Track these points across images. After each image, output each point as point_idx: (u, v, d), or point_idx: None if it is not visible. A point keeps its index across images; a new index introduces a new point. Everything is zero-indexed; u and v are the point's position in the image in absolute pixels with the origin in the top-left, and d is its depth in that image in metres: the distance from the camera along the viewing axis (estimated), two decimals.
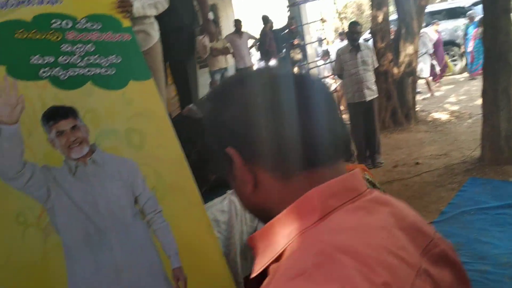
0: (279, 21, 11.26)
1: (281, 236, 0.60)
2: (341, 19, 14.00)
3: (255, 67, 10.07)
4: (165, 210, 2.08)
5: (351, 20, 8.23)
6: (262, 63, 10.76)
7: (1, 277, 1.71)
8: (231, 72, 9.51)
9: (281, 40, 10.38)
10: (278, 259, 0.60)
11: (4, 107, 1.85)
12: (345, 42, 7.30)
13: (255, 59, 10.80)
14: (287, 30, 10.50)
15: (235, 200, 2.34)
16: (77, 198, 1.89)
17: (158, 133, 2.20)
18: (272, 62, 10.15)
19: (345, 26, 10.88)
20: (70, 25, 2.10)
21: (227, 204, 2.28)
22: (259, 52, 10.69)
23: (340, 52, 6.01)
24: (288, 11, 12.02)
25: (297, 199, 0.61)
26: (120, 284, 1.86)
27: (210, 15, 3.76)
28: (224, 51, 9.22)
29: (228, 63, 9.57)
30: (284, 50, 10.54)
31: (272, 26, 10.31)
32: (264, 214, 0.65)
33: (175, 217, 2.10)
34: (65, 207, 1.86)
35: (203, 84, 6.45)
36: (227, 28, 10.91)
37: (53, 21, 2.06)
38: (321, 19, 12.00)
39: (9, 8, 1.95)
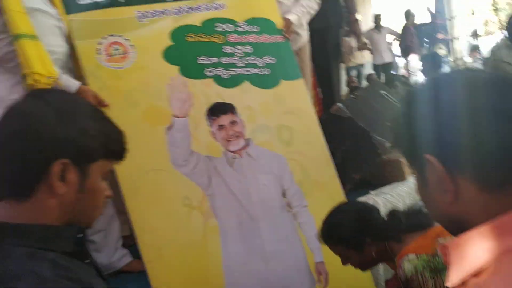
0: (423, 15, 10.63)
1: (480, 250, 0.58)
2: (495, 11, 12.71)
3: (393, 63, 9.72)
4: (310, 205, 2.17)
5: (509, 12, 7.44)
6: (401, 59, 10.33)
7: (168, 252, 1.95)
8: (367, 68, 9.30)
9: (424, 35, 9.84)
10: (477, 274, 0.57)
11: (177, 102, 2.10)
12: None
13: (393, 55, 10.37)
14: (431, 23, 9.91)
15: (378, 201, 2.34)
16: (233, 187, 2.07)
17: (306, 130, 2.30)
18: (412, 57, 9.68)
19: (501, 18, 9.89)
20: (232, 28, 2.29)
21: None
22: (399, 47, 10.28)
23: (495, 49, 5.50)
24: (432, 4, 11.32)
25: (506, 213, 0.58)
26: (268, 272, 1.99)
27: (358, 16, 3.71)
28: (362, 47, 9.04)
29: (365, 58, 9.36)
30: (428, 46, 9.98)
31: (414, 21, 9.82)
32: (458, 225, 0.63)
33: (319, 212, 2.17)
34: (223, 194, 2.05)
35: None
36: (365, 23, 10.67)
37: (218, 25, 2.26)
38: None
39: (183, 15, 2.20)
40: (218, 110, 2.16)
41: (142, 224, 1.91)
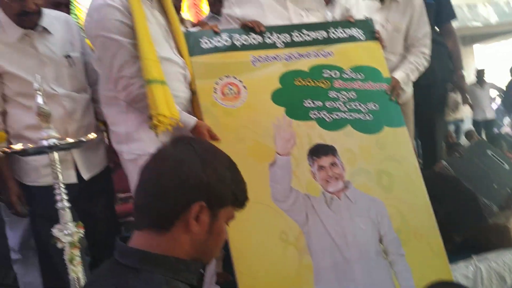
0: None
1: None
2: None
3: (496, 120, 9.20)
4: (407, 254, 2.13)
5: None
6: (507, 118, 9.77)
7: (262, 283, 2.00)
8: (466, 123, 8.91)
9: None
10: None
11: (281, 141, 2.21)
12: None
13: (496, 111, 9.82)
14: None
15: (481, 267, 2.21)
16: (330, 227, 2.10)
17: (407, 178, 2.29)
18: None
19: None
20: (338, 75, 2.39)
21: (472, 270, 2.18)
22: (503, 104, 9.75)
23: None
24: None
25: None
26: None
27: (464, 72, 3.64)
28: (464, 101, 8.70)
29: (464, 113, 8.99)
30: None
31: None
32: None
33: (416, 263, 2.12)
34: (319, 234, 2.09)
35: None
36: (467, 77, 10.32)
37: (325, 71, 2.38)
38: None
39: (293, 60, 2.34)
40: (319, 151, 2.24)
41: (240, 254, 1.99)
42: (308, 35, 2.39)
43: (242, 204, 1.05)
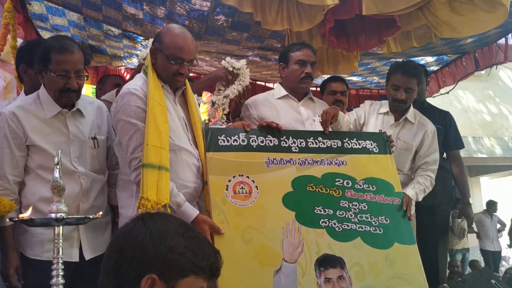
0: None
1: None
2: None
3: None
4: None
5: None
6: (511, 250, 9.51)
7: None
8: (473, 254, 8.65)
9: None
10: None
11: (288, 247, 2.13)
12: None
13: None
14: None
15: None
16: None
17: None
18: None
19: None
20: (350, 184, 2.38)
21: None
22: (509, 237, 9.55)
23: None
24: None
25: None
26: None
27: (470, 200, 3.64)
28: (471, 230, 8.56)
29: (469, 243, 8.79)
30: None
31: None
32: None
33: None
34: None
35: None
36: (473, 207, 10.29)
37: (337, 179, 2.37)
38: None
39: (306, 166, 2.35)
40: (327, 262, 2.15)
41: None
42: (323, 143, 2.44)
43: (209, 272, 1.00)
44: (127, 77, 4.72)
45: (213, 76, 2.94)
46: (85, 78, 2.13)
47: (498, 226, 8.99)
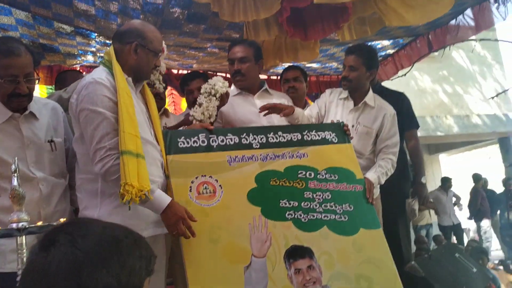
0: (495, 181, 10.42)
1: None
2: None
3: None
4: None
5: None
6: (472, 222, 9.93)
7: None
8: (435, 229, 9.00)
9: (496, 201, 9.55)
10: None
11: (256, 242, 2.14)
12: None
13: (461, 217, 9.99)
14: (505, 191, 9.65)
15: None
16: None
17: (385, 281, 2.22)
18: (485, 222, 9.28)
19: None
20: (312, 175, 2.41)
21: None
22: (468, 210, 9.97)
23: None
24: (506, 171, 11.17)
25: None
26: None
27: (423, 179, 3.74)
28: (430, 206, 8.88)
29: (432, 219, 9.13)
30: (499, 212, 9.59)
31: (484, 185, 9.68)
32: None
33: None
34: None
35: None
36: (432, 184, 10.66)
37: (300, 172, 2.40)
38: None
39: (268, 161, 2.36)
40: (296, 253, 2.17)
41: None
42: (283, 137, 2.45)
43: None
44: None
45: (182, 124, 2.82)
46: (36, 81, 2.05)
47: (454, 199, 9.36)
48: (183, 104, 5.54)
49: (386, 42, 4.48)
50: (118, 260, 0.88)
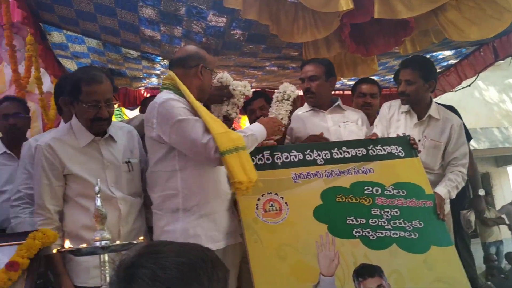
0: None
1: None
2: None
3: None
4: None
5: None
6: None
7: None
8: (507, 245, 8.47)
9: None
10: None
11: (324, 260, 2.13)
12: None
13: None
14: None
15: None
16: None
17: None
18: None
19: None
20: (379, 191, 2.36)
21: None
22: None
23: None
24: None
25: None
26: None
27: (481, 192, 3.56)
28: (498, 222, 8.39)
29: (503, 235, 8.60)
30: None
31: None
32: None
33: None
34: None
35: (476, 257, 5.88)
36: (501, 197, 10.09)
37: (366, 187, 2.36)
38: None
39: (333, 177, 2.35)
40: (365, 272, 2.14)
41: None
42: (348, 152, 2.43)
43: None
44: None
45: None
46: (115, 105, 2.18)
47: None
48: (243, 122, 5.65)
49: (448, 52, 4.35)
50: (199, 287, 0.90)
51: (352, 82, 4.35)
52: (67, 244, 1.61)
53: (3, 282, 1.92)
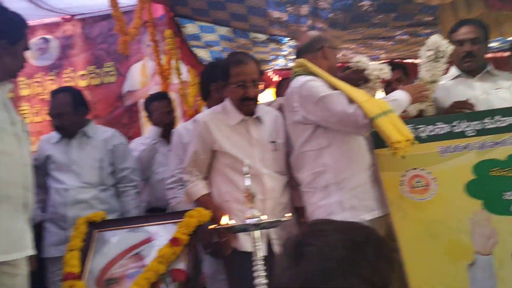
0: None
1: None
2: None
3: None
4: None
5: None
6: None
7: None
8: None
9: None
10: None
11: (480, 238, 1.99)
12: None
13: None
14: None
15: None
16: None
17: None
18: None
19: None
20: None
21: None
22: None
23: None
24: None
25: None
26: None
27: None
28: None
29: None
30: None
31: None
32: None
33: None
34: None
35: None
36: None
37: None
38: None
39: (486, 149, 2.15)
40: None
41: None
42: (502, 121, 2.20)
43: None
44: (274, 79, 4.89)
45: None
46: (261, 87, 2.32)
47: None
48: None
49: None
50: (367, 265, 0.88)
51: (496, 44, 3.95)
52: (225, 220, 1.72)
53: (168, 255, 2.15)
